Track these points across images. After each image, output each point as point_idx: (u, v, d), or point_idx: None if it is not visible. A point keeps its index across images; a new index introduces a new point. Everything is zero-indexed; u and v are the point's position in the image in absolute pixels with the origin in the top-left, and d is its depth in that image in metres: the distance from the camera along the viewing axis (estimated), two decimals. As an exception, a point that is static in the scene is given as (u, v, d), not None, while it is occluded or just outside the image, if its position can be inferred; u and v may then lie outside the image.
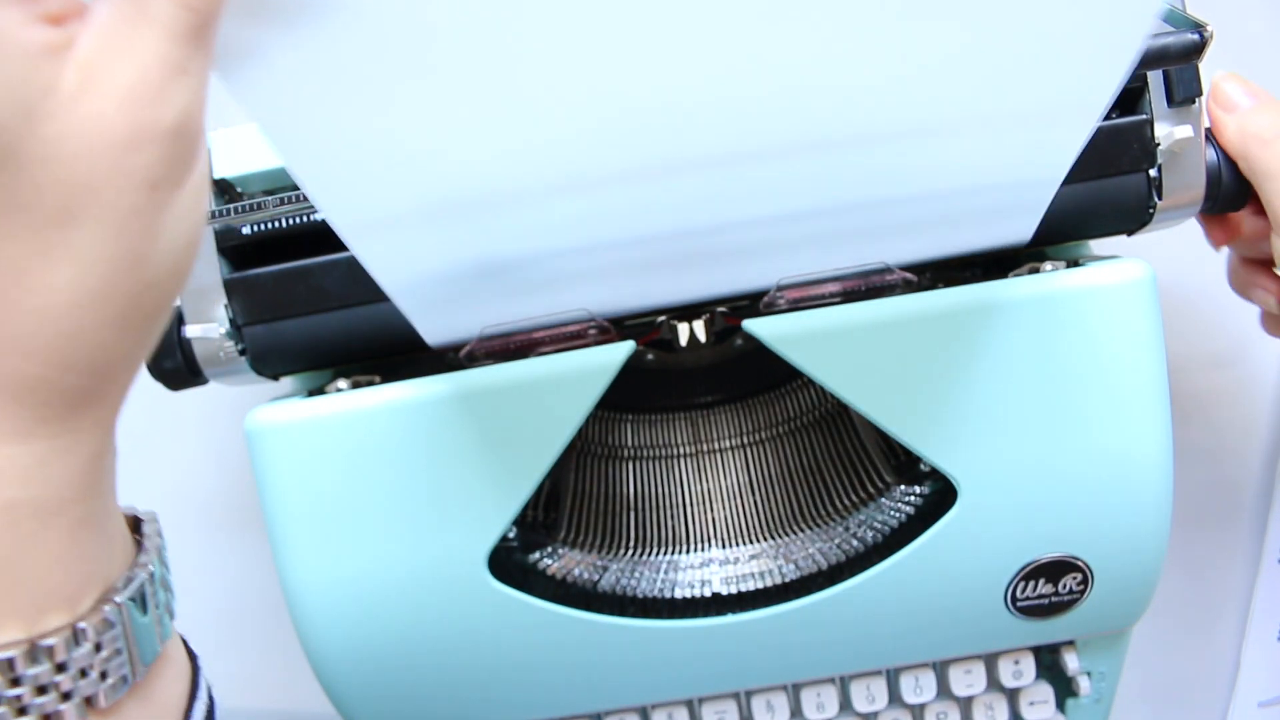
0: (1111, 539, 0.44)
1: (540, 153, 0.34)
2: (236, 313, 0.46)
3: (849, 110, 0.34)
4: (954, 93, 0.34)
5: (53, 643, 0.27)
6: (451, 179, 0.34)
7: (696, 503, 0.52)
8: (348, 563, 0.44)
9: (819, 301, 0.44)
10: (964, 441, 0.43)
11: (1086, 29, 0.31)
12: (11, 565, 0.26)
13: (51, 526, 0.27)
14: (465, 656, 0.45)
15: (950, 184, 0.39)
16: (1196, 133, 0.44)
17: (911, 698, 0.49)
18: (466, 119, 0.32)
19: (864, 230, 0.41)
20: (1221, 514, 0.63)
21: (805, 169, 0.36)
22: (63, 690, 0.28)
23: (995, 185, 0.39)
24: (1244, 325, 0.58)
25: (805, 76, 0.32)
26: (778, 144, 0.35)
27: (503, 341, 0.45)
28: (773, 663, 0.47)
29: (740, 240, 0.40)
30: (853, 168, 0.37)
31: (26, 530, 0.26)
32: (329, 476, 0.43)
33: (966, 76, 0.33)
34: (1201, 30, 0.41)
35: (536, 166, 0.35)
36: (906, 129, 0.35)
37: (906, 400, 0.43)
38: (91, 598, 0.29)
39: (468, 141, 0.33)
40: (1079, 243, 0.49)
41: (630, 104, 0.33)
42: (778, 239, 0.41)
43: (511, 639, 0.45)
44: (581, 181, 0.35)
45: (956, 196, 0.39)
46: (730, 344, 0.53)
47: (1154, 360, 0.43)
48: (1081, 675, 0.49)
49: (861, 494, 0.50)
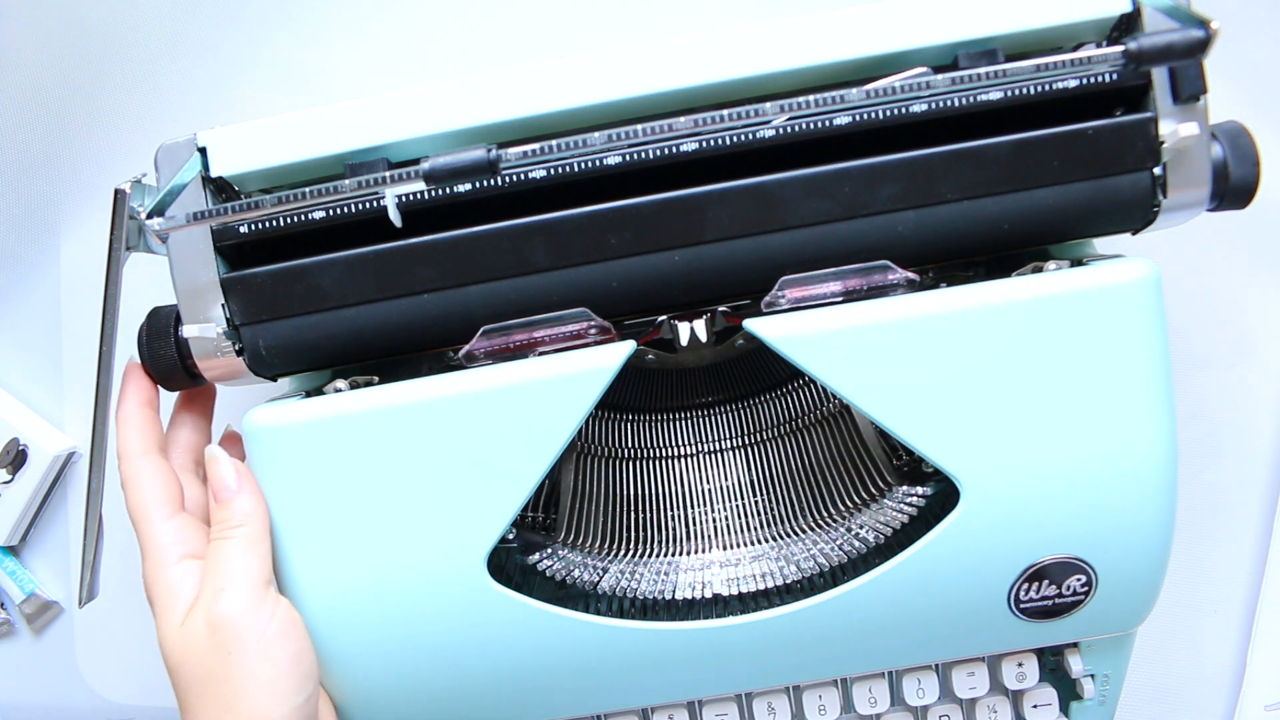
0: (1116, 540, 0.44)
1: None
2: (234, 312, 0.46)
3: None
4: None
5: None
6: None
7: (697, 503, 0.52)
8: (346, 564, 0.43)
9: (820, 301, 0.44)
10: (966, 442, 0.43)
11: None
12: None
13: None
14: (464, 658, 0.45)
15: None
16: (1201, 130, 0.44)
17: (914, 700, 0.49)
18: None
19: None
20: (1226, 515, 0.63)
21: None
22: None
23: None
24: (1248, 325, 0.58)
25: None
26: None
27: (502, 341, 0.45)
28: (774, 665, 0.47)
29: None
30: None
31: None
32: (327, 477, 0.43)
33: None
34: (1206, 27, 0.41)
35: None
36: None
37: (909, 400, 0.43)
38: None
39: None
40: (1083, 241, 0.49)
41: None
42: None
43: (511, 641, 0.44)
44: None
45: None
46: (731, 344, 0.53)
47: (1158, 360, 0.43)
48: (1085, 677, 0.49)
49: (863, 495, 0.50)
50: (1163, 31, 0.41)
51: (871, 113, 0.43)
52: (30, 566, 0.66)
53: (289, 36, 0.62)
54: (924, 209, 0.44)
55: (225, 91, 0.62)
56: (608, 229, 0.44)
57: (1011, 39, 0.45)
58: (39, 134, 0.63)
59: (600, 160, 0.44)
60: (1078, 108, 0.44)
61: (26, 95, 0.63)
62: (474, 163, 0.41)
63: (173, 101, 0.63)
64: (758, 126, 0.43)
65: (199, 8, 0.62)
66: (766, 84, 0.45)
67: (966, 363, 0.42)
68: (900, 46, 0.44)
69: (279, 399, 0.46)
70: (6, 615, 0.67)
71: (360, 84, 0.62)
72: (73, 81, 0.62)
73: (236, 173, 0.46)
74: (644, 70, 0.45)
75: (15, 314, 0.65)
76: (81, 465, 0.65)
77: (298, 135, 0.46)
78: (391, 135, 0.45)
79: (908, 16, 0.44)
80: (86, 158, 0.63)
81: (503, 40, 0.62)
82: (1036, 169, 0.44)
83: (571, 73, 0.45)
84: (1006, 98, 0.43)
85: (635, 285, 0.45)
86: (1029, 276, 0.43)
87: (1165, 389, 0.43)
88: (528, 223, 0.44)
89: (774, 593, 0.47)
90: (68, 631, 0.67)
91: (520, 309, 0.45)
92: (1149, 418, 0.43)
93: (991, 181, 0.44)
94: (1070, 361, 0.42)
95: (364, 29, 0.62)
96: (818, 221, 0.44)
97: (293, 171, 0.46)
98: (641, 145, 0.43)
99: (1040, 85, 0.43)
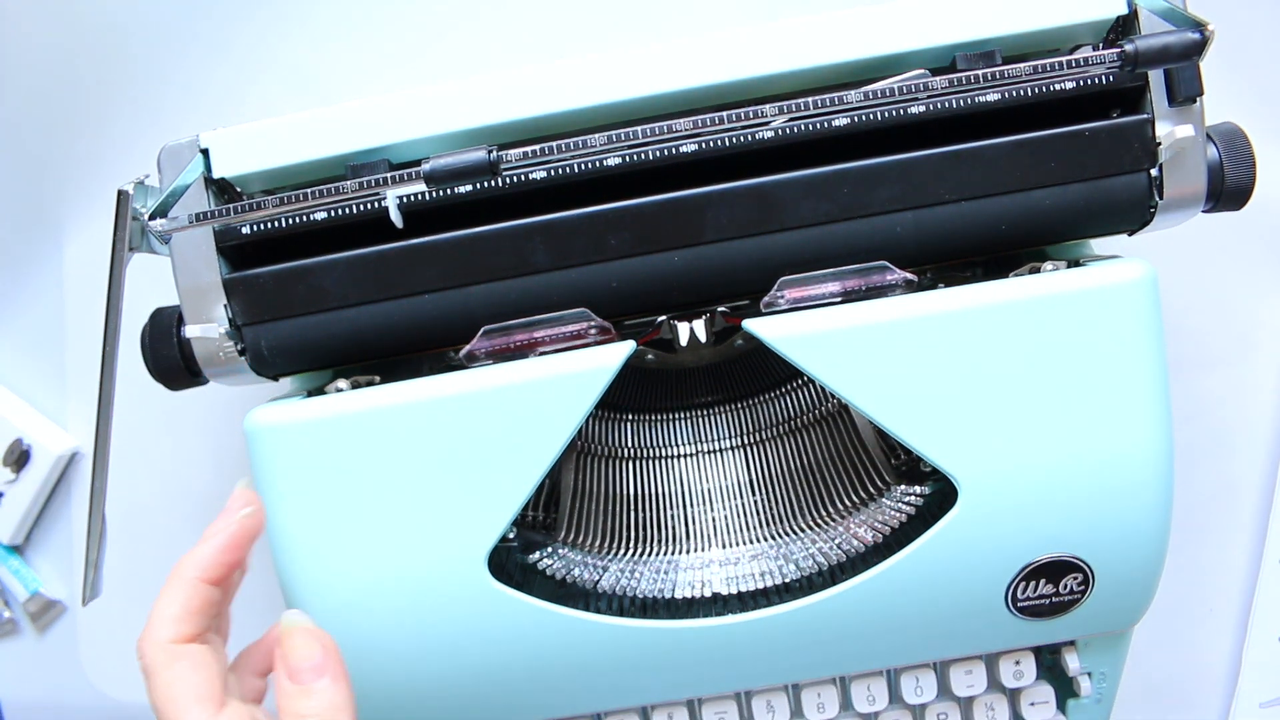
0: (1112, 539, 0.44)
1: None
2: (236, 313, 0.46)
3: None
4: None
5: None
6: None
7: (696, 503, 0.52)
8: (347, 563, 0.44)
9: (819, 301, 0.44)
10: (964, 441, 0.43)
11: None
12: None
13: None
14: (465, 657, 0.45)
15: None
16: (1198, 132, 0.44)
17: (912, 698, 0.49)
18: None
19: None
20: (1222, 514, 0.63)
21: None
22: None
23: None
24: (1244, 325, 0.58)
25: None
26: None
27: (503, 341, 0.45)
28: (773, 663, 0.47)
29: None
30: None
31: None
32: (328, 477, 0.43)
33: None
34: (1202, 29, 0.41)
35: None
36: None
37: (907, 400, 0.43)
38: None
39: None
40: (1080, 242, 0.49)
41: None
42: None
43: (511, 640, 0.44)
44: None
45: None
46: (730, 344, 0.53)
47: (1155, 360, 0.43)
48: (1082, 675, 0.49)
49: (862, 494, 0.50)
50: (1159, 34, 0.41)
51: (870, 114, 0.44)
52: (34, 565, 0.67)
53: (290, 38, 0.62)
54: (922, 210, 0.44)
55: (228, 93, 0.63)
56: (608, 229, 0.44)
57: (1009, 41, 0.45)
58: (43, 136, 0.63)
59: (600, 161, 0.44)
60: (1075, 109, 0.44)
61: (30, 98, 0.63)
62: (475, 164, 0.41)
63: (175, 103, 0.63)
64: (757, 128, 0.44)
65: (200, 9, 0.62)
66: (766, 85, 0.46)
67: (964, 363, 0.42)
68: (899, 48, 0.45)
69: (281, 399, 0.46)
70: (10, 614, 0.67)
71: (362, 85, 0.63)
72: (76, 83, 0.63)
73: (239, 174, 0.46)
74: (644, 72, 0.45)
75: (19, 314, 0.66)
76: (85, 465, 0.66)
77: (300, 136, 0.46)
78: (393, 136, 0.46)
79: (906, 19, 0.45)
80: (90, 159, 0.63)
81: (504, 42, 0.62)
82: (1034, 170, 0.44)
83: (572, 74, 0.45)
84: (1004, 99, 0.43)
85: (635, 285, 0.45)
86: (1026, 277, 0.44)
87: (1162, 389, 0.43)
88: (528, 223, 0.44)
89: (773, 591, 0.47)
90: (71, 630, 0.67)
91: (521, 309, 0.45)
92: (1146, 418, 0.43)
93: (989, 183, 0.44)
94: (1067, 362, 0.42)
95: (366, 31, 0.62)
96: (816, 222, 0.44)
97: (295, 173, 0.47)
98: (641, 146, 0.43)
99: (1038, 87, 0.43)
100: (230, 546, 0.38)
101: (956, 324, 0.42)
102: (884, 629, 0.46)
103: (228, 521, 0.39)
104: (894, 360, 0.43)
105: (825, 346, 0.43)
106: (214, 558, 0.38)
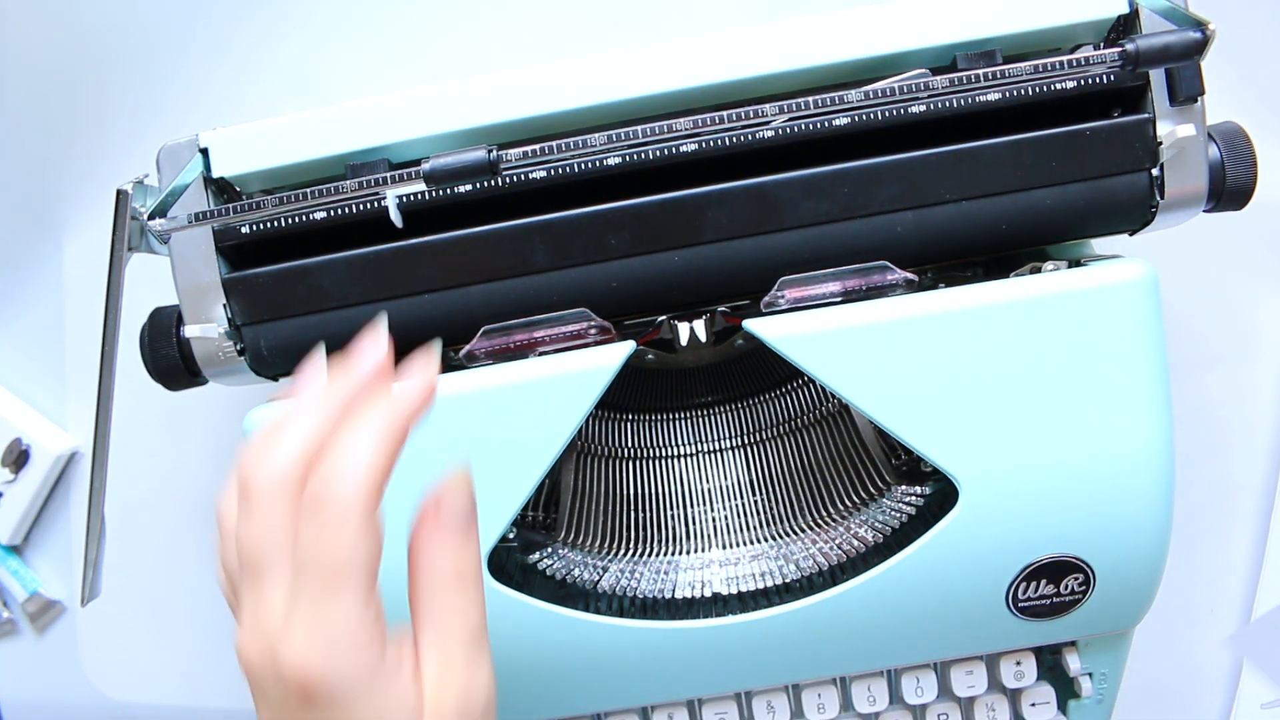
0: (1113, 539, 0.44)
1: None
2: (235, 313, 0.46)
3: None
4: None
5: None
6: None
7: (696, 503, 0.52)
8: (347, 563, 0.44)
9: (819, 301, 0.44)
10: (965, 441, 0.43)
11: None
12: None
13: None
14: (465, 657, 0.45)
15: None
16: (1199, 131, 0.44)
17: (913, 698, 0.49)
18: None
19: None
20: (1223, 514, 0.63)
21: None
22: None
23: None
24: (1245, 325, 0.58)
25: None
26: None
27: (503, 341, 0.45)
28: (773, 663, 0.47)
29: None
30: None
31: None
32: (328, 477, 0.43)
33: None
34: (1204, 28, 0.41)
35: None
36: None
37: (907, 400, 0.43)
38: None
39: None
40: (1080, 242, 0.49)
41: None
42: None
43: (511, 640, 0.44)
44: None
45: None
46: (730, 344, 0.53)
47: (1155, 360, 0.43)
48: (1083, 676, 0.49)
49: (862, 494, 0.50)
50: (1160, 33, 0.41)
51: (870, 114, 0.44)
52: (33, 565, 0.67)
53: (290, 38, 0.62)
54: (922, 210, 0.44)
55: (228, 93, 0.63)
56: (608, 229, 0.44)
57: (1010, 40, 0.45)
58: (42, 135, 0.63)
59: (600, 161, 0.44)
60: (1076, 109, 0.44)
61: (30, 98, 0.63)
62: (474, 163, 0.41)
63: (175, 103, 0.63)
64: (757, 127, 0.44)
65: (200, 9, 0.62)
66: (766, 85, 0.45)
67: (965, 363, 0.42)
68: (899, 48, 0.45)
69: (280, 399, 0.46)
70: (10, 614, 0.67)
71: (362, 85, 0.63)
72: (75, 83, 0.63)
73: (238, 173, 0.46)
74: (644, 71, 0.45)
75: (18, 314, 0.66)
76: (84, 464, 0.66)
77: (299, 136, 0.46)
78: (392, 136, 0.46)
79: (906, 18, 0.45)
80: (90, 159, 0.63)
81: (503, 41, 0.62)
82: (1034, 170, 0.44)
83: (572, 74, 0.45)
84: (1005, 99, 0.43)
85: (635, 285, 0.45)
86: (1027, 277, 0.43)
87: (1163, 389, 0.43)
88: (528, 223, 0.44)
89: (773, 592, 0.47)
90: (70, 630, 0.67)
91: (520, 309, 0.45)
92: (1147, 418, 0.43)
93: (989, 182, 0.44)
94: (1068, 362, 0.42)
95: (366, 31, 0.62)
96: (817, 222, 0.44)
97: (294, 172, 0.47)
98: (641, 146, 0.43)
99: (1038, 86, 0.43)
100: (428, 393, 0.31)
101: (957, 324, 0.42)
102: (884, 629, 0.46)
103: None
104: (894, 360, 0.43)
105: (825, 346, 0.43)
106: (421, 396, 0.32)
